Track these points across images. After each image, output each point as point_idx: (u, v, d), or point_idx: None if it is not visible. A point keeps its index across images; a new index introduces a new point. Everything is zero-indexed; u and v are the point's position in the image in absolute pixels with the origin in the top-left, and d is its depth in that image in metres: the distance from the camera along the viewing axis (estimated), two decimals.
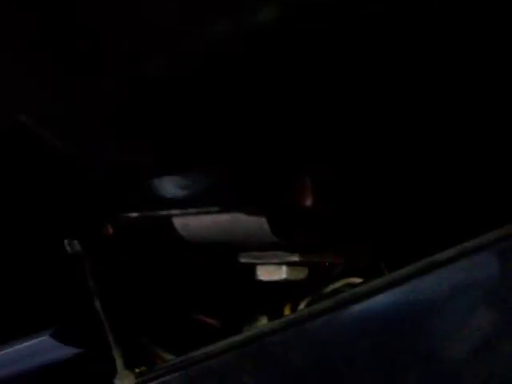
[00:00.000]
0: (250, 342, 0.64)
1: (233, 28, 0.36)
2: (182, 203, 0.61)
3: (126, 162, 0.58)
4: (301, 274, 0.66)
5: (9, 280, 0.75)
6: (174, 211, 0.63)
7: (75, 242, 0.71)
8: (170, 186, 0.60)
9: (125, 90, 0.48)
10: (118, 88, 0.48)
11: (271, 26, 0.37)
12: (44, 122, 0.55)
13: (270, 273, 0.66)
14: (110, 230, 0.71)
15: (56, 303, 0.76)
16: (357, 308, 0.61)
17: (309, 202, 0.60)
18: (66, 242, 0.72)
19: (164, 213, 0.63)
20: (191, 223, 0.64)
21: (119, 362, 0.70)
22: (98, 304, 0.71)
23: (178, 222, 0.65)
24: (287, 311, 0.71)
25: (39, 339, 0.74)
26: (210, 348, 0.66)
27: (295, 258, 0.65)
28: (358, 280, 0.69)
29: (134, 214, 0.66)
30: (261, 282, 0.68)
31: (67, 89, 0.50)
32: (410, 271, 0.59)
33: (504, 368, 0.56)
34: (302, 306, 0.70)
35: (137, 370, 0.70)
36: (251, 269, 0.67)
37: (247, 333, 0.66)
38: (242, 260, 0.67)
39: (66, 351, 0.75)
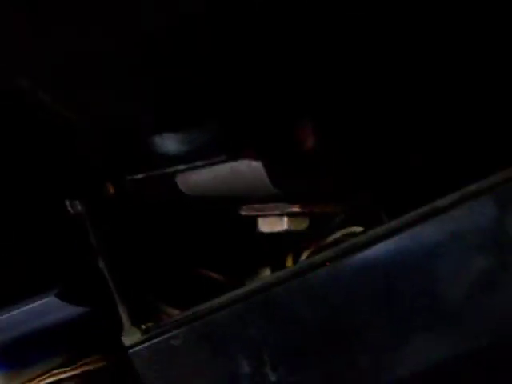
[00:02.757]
0: (253, 293, 0.65)
1: None
2: (181, 158, 0.61)
3: (125, 120, 0.58)
4: (302, 224, 0.66)
5: (12, 243, 0.76)
6: (172, 168, 0.63)
7: (76, 202, 0.72)
8: (168, 142, 0.60)
9: (123, 48, 0.48)
10: (116, 47, 0.48)
11: None
12: (42, 85, 0.55)
13: (271, 224, 0.66)
14: (111, 190, 0.72)
15: (60, 263, 0.77)
16: (359, 257, 0.61)
17: (310, 144, 0.60)
18: (67, 202, 0.72)
19: (163, 170, 0.63)
20: (190, 178, 0.64)
21: (125, 319, 0.70)
22: (102, 263, 0.72)
23: (177, 178, 0.65)
24: (289, 262, 0.72)
25: (45, 300, 0.75)
26: (215, 302, 0.67)
27: (296, 209, 0.65)
28: (358, 229, 0.70)
29: (134, 173, 0.66)
30: (263, 233, 0.68)
31: (65, 49, 0.50)
32: (410, 218, 0.60)
33: (501, 309, 0.57)
34: (304, 256, 0.71)
35: (143, 327, 0.70)
36: (253, 221, 0.68)
37: (251, 285, 0.66)
38: (243, 213, 0.68)
39: (73, 311, 0.76)
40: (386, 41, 0.58)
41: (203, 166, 0.61)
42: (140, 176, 0.66)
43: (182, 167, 0.62)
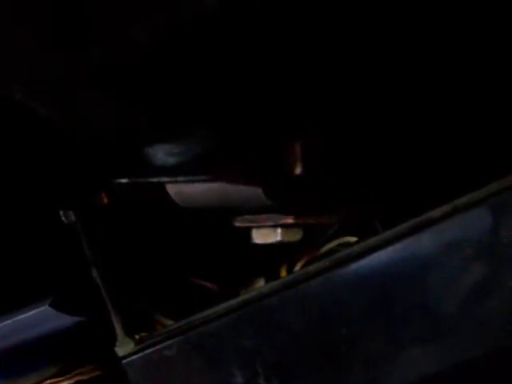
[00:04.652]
0: (247, 304, 0.65)
1: None
2: (174, 171, 0.61)
3: (119, 128, 0.58)
4: (296, 235, 0.66)
5: (6, 252, 0.76)
6: (166, 178, 0.63)
7: (70, 212, 0.71)
8: (163, 154, 0.60)
9: (116, 54, 0.48)
10: (109, 53, 0.48)
11: None
12: (34, 92, 0.55)
13: (265, 236, 0.66)
14: (105, 199, 0.71)
15: (54, 273, 0.77)
16: (353, 267, 0.61)
17: (299, 170, 0.60)
18: (60, 212, 0.72)
19: (157, 180, 0.63)
20: (185, 190, 0.64)
21: (119, 329, 0.70)
22: (95, 272, 0.72)
23: (171, 188, 0.65)
24: (283, 273, 0.72)
25: (39, 310, 0.75)
26: (209, 312, 0.67)
27: (290, 220, 0.65)
28: (353, 239, 0.70)
29: (128, 182, 0.66)
30: (257, 244, 0.68)
31: (56, 56, 0.50)
32: (404, 229, 0.60)
33: (495, 319, 0.57)
34: (298, 267, 0.71)
35: (137, 337, 0.70)
36: (247, 232, 0.68)
37: (245, 296, 0.66)
38: (237, 224, 0.68)
39: (67, 320, 0.75)
40: (386, 44, 0.58)
41: (185, 182, 0.62)
42: (131, 183, 0.66)
43: (171, 179, 0.63)
